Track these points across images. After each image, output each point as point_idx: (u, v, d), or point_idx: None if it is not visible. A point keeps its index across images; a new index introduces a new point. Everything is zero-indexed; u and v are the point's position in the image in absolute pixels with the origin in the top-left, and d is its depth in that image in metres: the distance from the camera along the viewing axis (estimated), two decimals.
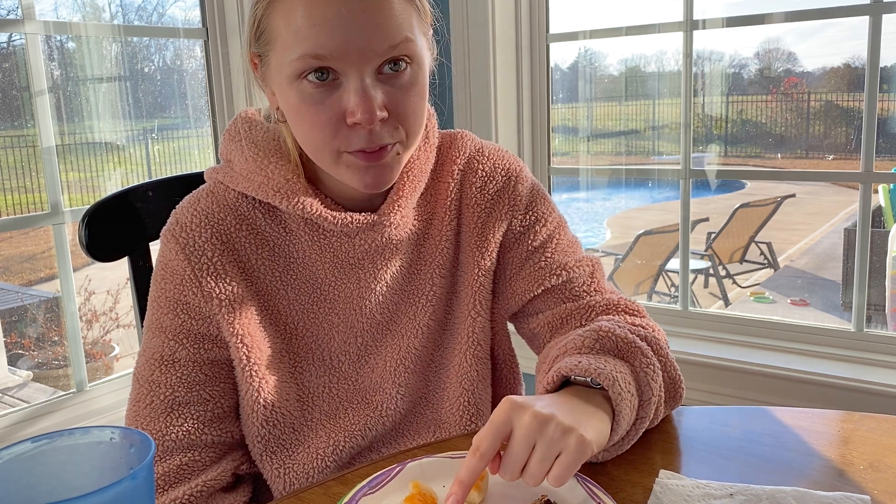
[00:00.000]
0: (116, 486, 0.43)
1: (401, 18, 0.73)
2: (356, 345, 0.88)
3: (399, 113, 0.75)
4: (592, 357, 0.74)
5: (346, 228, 0.82)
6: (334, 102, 0.73)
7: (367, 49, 0.72)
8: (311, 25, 0.71)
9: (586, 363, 0.72)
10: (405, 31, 0.73)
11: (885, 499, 0.66)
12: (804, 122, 8.10)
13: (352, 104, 0.72)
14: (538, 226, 0.91)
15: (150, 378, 0.82)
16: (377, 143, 0.75)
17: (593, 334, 0.77)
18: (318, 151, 0.78)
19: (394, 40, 0.72)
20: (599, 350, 0.76)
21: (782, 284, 5.77)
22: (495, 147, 0.94)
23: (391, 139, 0.76)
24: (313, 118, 0.75)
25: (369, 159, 0.76)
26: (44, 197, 1.82)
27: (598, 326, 0.78)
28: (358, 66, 0.72)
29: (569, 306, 0.88)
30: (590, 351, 0.76)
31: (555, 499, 0.65)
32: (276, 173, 0.81)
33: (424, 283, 0.89)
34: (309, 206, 0.80)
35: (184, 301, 0.82)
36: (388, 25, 0.72)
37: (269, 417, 0.84)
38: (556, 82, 2.17)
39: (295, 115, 0.77)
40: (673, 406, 0.82)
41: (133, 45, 2.25)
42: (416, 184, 0.86)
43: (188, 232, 0.82)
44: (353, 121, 0.73)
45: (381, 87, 0.74)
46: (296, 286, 0.85)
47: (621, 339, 0.76)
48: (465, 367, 0.89)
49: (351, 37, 0.71)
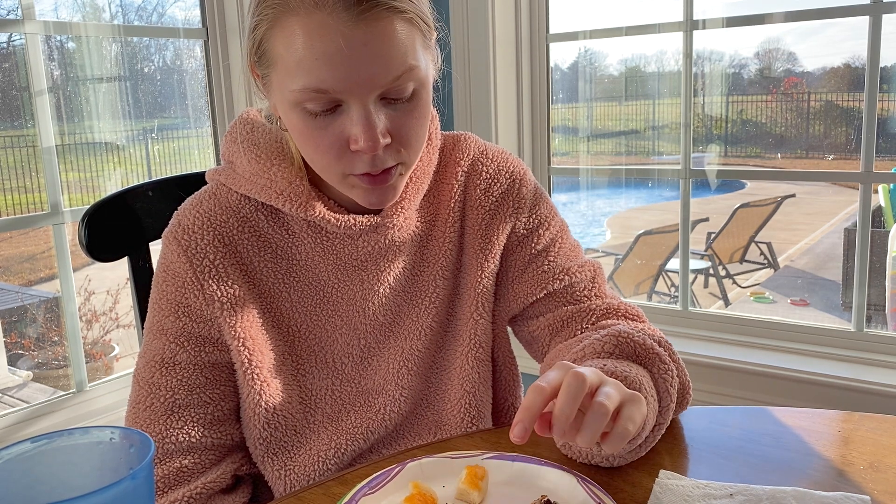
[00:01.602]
0: (116, 486, 0.42)
1: (404, 46, 0.71)
2: (359, 347, 0.88)
3: (402, 136, 0.75)
4: (615, 362, 0.73)
5: (349, 231, 0.82)
6: (337, 129, 0.73)
7: (369, 81, 0.70)
8: (313, 59, 0.69)
9: (612, 367, 0.71)
10: (409, 60, 0.72)
11: (885, 499, 0.66)
12: (804, 122, 8.10)
13: (355, 132, 0.72)
14: (541, 229, 0.91)
15: (150, 380, 0.82)
16: (380, 167, 0.75)
17: (612, 339, 0.76)
18: (323, 172, 0.78)
19: (397, 71, 0.71)
20: (619, 355, 0.75)
21: (782, 284, 5.77)
22: (499, 149, 0.94)
23: (394, 161, 0.76)
24: (316, 142, 0.74)
25: (373, 182, 0.76)
26: (44, 197, 1.82)
27: (616, 331, 0.77)
28: (360, 95, 0.71)
29: (570, 309, 0.88)
30: (609, 355, 0.75)
31: (555, 499, 0.65)
32: (279, 176, 0.81)
33: (427, 285, 0.89)
34: (311, 209, 0.80)
35: (185, 303, 0.81)
36: (390, 56, 0.70)
37: (270, 420, 0.84)
38: (556, 82, 2.17)
39: (298, 136, 0.77)
40: (681, 409, 0.82)
41: (133, 45, 2.25)
42: (418, 186, 0.86)
43: (190, 234, 0.81)
44: (357, 148, 0.73)
45: (383, 112, 0.73)
46: (298, 288, 0.85)
47: (640, 345, 0.75)
48: (466, 368, 0.89)
49: (353, 70, 0.69)
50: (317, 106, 0.72)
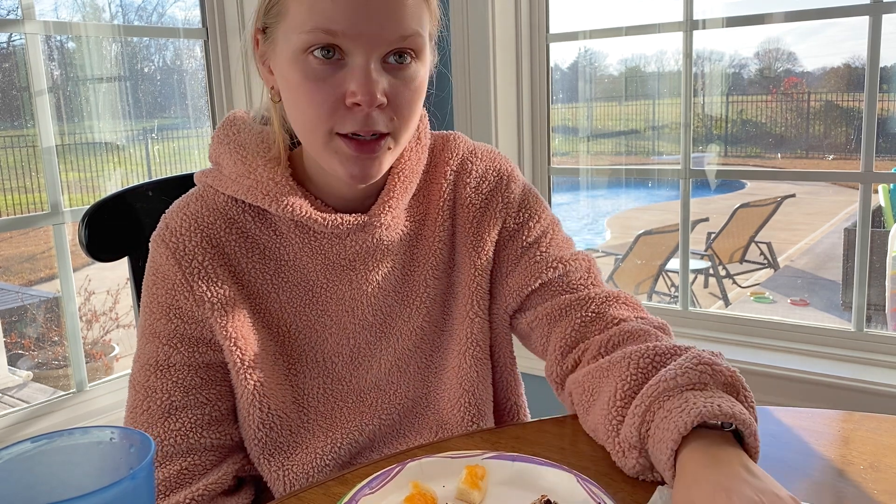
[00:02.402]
0: (116, 486, 0.42)
1: (414, 11, 0.74)
2: (349, 346, 0.88)
3: (397, 103, 0.76)
4: (724, 399, 0.67)
5: (336, 230, 0.82)
6: (336, 81, 0.74)
7: (378, 34, 0.73)
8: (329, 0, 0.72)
9: (726, 407, 0.65)
10: (416, 25, 0.75)
11: (885, 499, 0.66)
12: (804, 122, 8.10)
13: (354, 85, 0.73)
14: (531, 222, 0.91)
15: (145, 384, 0.82)
16: (371, 127, 0.75)
17: (701, 365, 0.70)
18: (310, 132, 0.77)
19: (405, 31, 0.74)
20: (712, 384, 0.69)
21: (782, 284, 5.77)
22: (488, 148, 0.94)
23: (385, 128, 0.76)
24: (312, 95, 0.75)
25: (360, 149, 0.76)
26: (44, 197, 1.82)
27: (698, 355, 0.71)
28: (366, 48, 0.73)
29: (567, 298, 0.87)
30: (702, 385, 0.69)
31: (555, 499, 0.65)
32: (264, 176, 0.81)
33: (418, 285, 0.89)
34: (298, 208, 0.80)
35: (176, 306, 0.81)
36: (401, 15, 0.73)
37: (265, 420, 0.83)
38: (556, 82, 2.17)
39: (293, 91, 0.77)
40: None
41: (133, 45, 2.25)
42: (407, 185, 0.85)
43: (178, 237, 0.81)
44: (353, 101, 0.73)
45: (384, 75, 0.75)
46: (287, 288, 0.85)
47: (724, 374, 0.70)
48: (464, 367, 0.89)
49: (365, 18, 0.72)
50: (321, 53, 0.73)
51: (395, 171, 0.85)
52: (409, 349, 0.89)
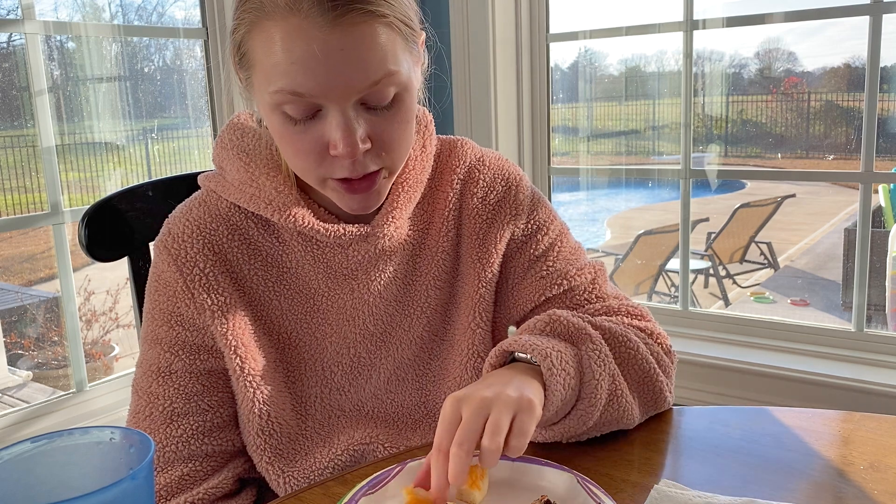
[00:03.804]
0: (116, 486, 0.43)
1: (383, 51, 0.70)
2: (349, 356, 0.87)
3: (383, 141, 0.74)
4: (537, 337, 0.75)
5: (338, 240, 0.81)
6: (316, 133, 0.72)
7: (347, 85, 0.69)
8: (290, 62, 0.68)
9: (525, 340, 0.74)
10: (388, 65, 0.70)
11: (885, 499, 0.66)
12: (804, 122, 8.10)
13: (334, 137, 0.71)
14: (540, 234, 0.90)
15: (147, 390, 0.82)
16: (361, 171, 0.74)
17: (546, 317, 0.79)
18: (302, 175, 0.78)
19: (375, 76, 0.70)
20: (549, 333, 0.78)
21: (782, 284, 5.77)
22: (496, 155, 0.93)
23: (376, 166, 0.75)
24: (296, 146, 0.74)
25: (353, 189, 0.75)
26: (44, 197, 1.83)
27: (553, 312, 0.80)
28: (338, 101, 0.70)
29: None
30: (540, 333, 0.78)
31: (555, 499, 0.65)
32: (267, 185, 0.80)
33: (420, 295, 0.88)
34: (301, 219, 0.80)
35: (177, 313, 0.81)
36: (368, 62, 0.69)
37: (265, 427, 0.83)
38: (556, 82, 2.17)
39: (279, 139, 0.76)
40: (650, 407, 0.81)
41: (133, 45, 2.25)
42: (411, 194, 0.84)
43: (180, 243, 0.81)
44: (336, 153, 0.72)
45: (363, 117, 0.72)
46: (289, 296, 0.85)
47: (572, 325, 0.78)
48: (466, 379, 0.88)
49: (329, 75, 0.68)
50: (295, 110, 0.71)
51: (399, 181, 0.84)
52: (409, 358, 0.89)
